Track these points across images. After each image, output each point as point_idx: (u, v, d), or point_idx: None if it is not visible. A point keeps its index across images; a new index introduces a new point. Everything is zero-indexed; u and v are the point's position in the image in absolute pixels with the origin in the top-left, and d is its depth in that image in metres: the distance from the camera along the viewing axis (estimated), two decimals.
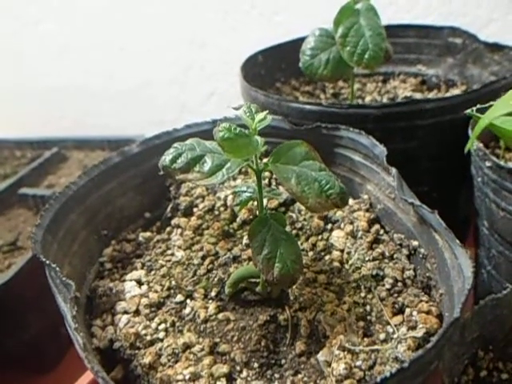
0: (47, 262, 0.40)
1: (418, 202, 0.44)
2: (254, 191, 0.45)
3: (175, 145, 0.40)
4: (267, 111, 0.39)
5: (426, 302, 0.42)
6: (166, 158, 0.39)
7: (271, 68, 0.84)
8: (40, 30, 1.37)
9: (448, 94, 0.79)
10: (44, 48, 1.38)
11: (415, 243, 0.47)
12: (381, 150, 0.50)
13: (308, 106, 0.58)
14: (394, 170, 0.48)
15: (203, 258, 0.54)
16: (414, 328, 0.40)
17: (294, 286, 0.46)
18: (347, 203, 0.41)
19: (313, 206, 0.38)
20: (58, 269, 0.40)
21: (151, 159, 0.61)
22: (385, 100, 0.82)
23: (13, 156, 1.17)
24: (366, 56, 0.59)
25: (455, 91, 0.79)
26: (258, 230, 0.41)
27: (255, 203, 0.55)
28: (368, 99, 0.83)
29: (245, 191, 0.45)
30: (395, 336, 0.40)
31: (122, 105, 1.38)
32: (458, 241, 0.39)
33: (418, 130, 0.56)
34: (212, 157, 0.38)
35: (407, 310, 0.42)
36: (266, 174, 0.61)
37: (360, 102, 0.81)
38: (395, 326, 0.41)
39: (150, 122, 1.26)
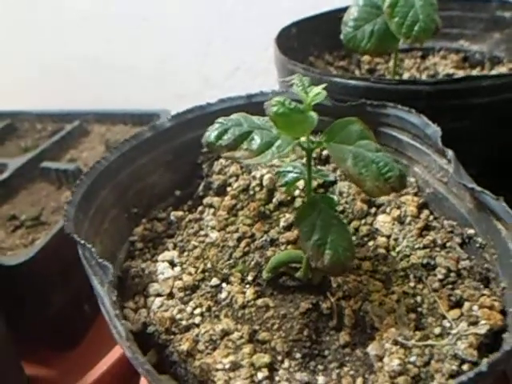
0: (82, 242, 0.38)
1: (479, 188, 0.40)
2: (301, 171, 0.41)
3: (220, 120, 0.37)
4: (324, 84, 0.35)
5: (488, 296, 0.39)
6: (211, 133, 0.36)
7: (304, 41, 0.80)
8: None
9: (494, 72, 0.74)
10: (65, 18, 1.35)
11: (471, 231, 0.44)
12: (434, 129, 0.47)
13: (353, 81, 0.54)
14: (450, 153, 0.44)
15: (239, 239, 0.51)
16: (475, 324, 0.37)
17: None
18: (405, 187, 0.37)
19: (370, 189, 0.35)
20: (93, 250, 0.38)
21: (183, 135, 0.58)
22: (424, 77, 0.77)
23: (33, 129, 1.15)
24: (416, 28, 0.55)
25: (501, 69, 0.74)
26: (307, 214, 0.38)
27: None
28: (406, 76, 0.78)
29: (291, 171, 0.42)
30: (454, 331, 0.37)
31: (143, 78, 1.35)
32: None
33: (472, 108, 0.52)
34: (261, 133, 0.35)
35: (466, 304, 0.39)
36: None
37: (398, 78, 0.76)
38: (453, 320, 0.38)
39: (172, 96, 1.23)
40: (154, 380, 0.33)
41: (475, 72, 0.77)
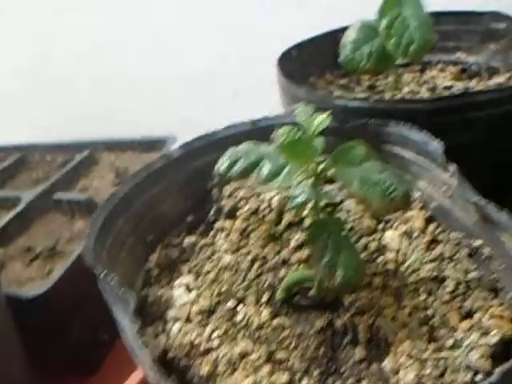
0: (104, 273, 0.40)
1: (483, 201, 0.42)
2: (309, 195, 0.43)
3: (230, 150, 0.39)
4: (330, 111, 0.37)
5: (497, 306, 0.40)
6: (223, 164, 0.37)
7: (305, 62, 0.82)
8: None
9: (491, 82, 0.76)
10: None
11: (477, 243, 0.45)
12: (436, 146, 0.48)
13: (354, 103, 0.56)
14: (453, 167, 0.45)
15: (252, 261, 0.53)
16: (486, 334, 0.38)
17: None
18: (410, 205, 0.39)
19: (377, 209, 0.36)
20: (114, 281, 0.39)
21: (192, 162, 0.60)
22: (424, 90, 0.79)
23: (43, 160, 1.18)
24: (412, 48, 0.56)
25: (498, 79, 0.76)
26: (318, 235, 0.39)
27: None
28: (406, 90, 0.80)
29: (299, 195, 0.43)
30: (466, 343, 0.38)
31: (144, 103, 1.38)
32: None
33: (472, 122, 0.54)
34: (269, 162, 0.37)
35: (477, 315, 0.40)
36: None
37: (398, 93, 0.78)
38: (464, 331, 0.39)
39: (177, 121, 1.25)
40: None
41: (473, 83, 0.79)
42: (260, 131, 0.61)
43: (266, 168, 0.36)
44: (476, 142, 0.56)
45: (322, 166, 0.38)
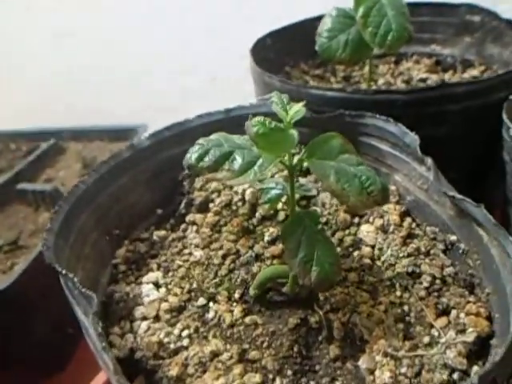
0: (64, 272, 0.37)
1: (460, 196, 0.41)
2: (283, 188, 0.41)
3: (200, 141, 0.36)
4: (304, 101, 0.35)
5: (474, 302, 0.39)
6: (192, 155, 0.35)
7: (280, 51, 0.80)
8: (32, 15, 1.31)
9: (466, 75, 0.75)
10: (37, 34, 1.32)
11: (453, 238, 0.45)
12: (412, 138, 0.47)
13: (330, 93, 0.55)
14: (429, 160, 0.45)
15: (223, 257, 0.51)
16: (462, 331, 0.37)
17: None
18: (388, 200, 0.38)
19: (354, 204, 0.35)
20: (76, 279, 0.37)
21: (162, 152, 0.58)
22: (399, 82, 0.78)
23: (7, 149, 1.12)
24: (390, 37, 0.55)
25: (473, 72, 0.76)
26: (292, 231, 0.38)
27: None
28: (381, 82, 0.79)
29: (273, 188, 0.42)
30: (442, 340, 0.37)
31: (118, 91, 1.33)
32: None
33: (448, 115, 0.53)
34: (242, 153, 0.35)
35: (453, 312, 0.39)
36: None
37: (373, 85, 0.77)
38: (441, 328, 0.39)
39: (149, 109, 1.22)
40: None
41: (448, 75, 0.78)
42: (233, 120, 0.59)
43: (238, 159, 0.34)
44: (452, 134, 0.55)
45: (297, 158, 0.36)
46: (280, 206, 0.54)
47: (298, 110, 0.35)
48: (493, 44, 0.75)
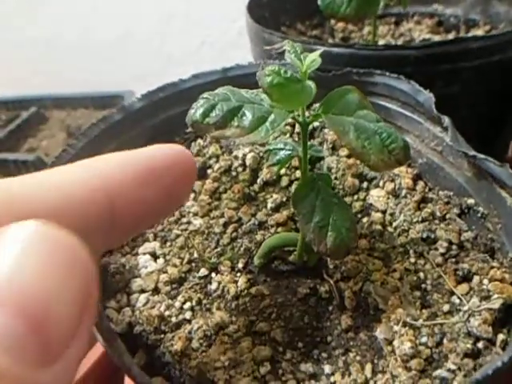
0: None
1: (482, 155, 0.38)
2: (294, 148, 0.38)
3: (205, 95, 0.33)
4: (320, 50, 0.32)
5: (498, 268, 0.37)
6: (197, 111, 0.32)
7: (276, 10, 0.76)
8: None
9: (470, 34, 0.72)
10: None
11: (470, 201, 0.42)
12: (426, 96, 0.44)
13: (336, 49, 0.51)
14: (446, 119, 0.42)
15: (225, 225, 0.48)
16: (487, 298, 0.35)
17: None
18: (410, 159, 0.35)
19: (375, 163, 0.32)
20: None
21: (156, 115, 0.54)
22: (400, 43, 0.75)
23: None
24: None
25: (477, 32, 0.73)
26: (305, 194, 0.35)
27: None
28: (381, 43, 0.75)
29: (282, 148, 0.38)
30: (465, 308, 0.35)
31: (100, 58, 1.27)
32: None
33: (461, 72, 0.50)
34: (252, 108, 0.32)
35: (476, 278, 0.37)
36: (287, 127, 0.54)
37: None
38: (462, 295, 0.36)
39: (133, 77, 1.16)
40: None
41: (450, 36, 0.75)
42: (231, 80, 0.54)
43: (248, 115, 0.31)
44: (463, 92, 0.52)
45: (312, 114, 0.33)
46: (283, 171, 0.51)
47: (314, 59, 0.31)
48: (499, 1, 0.71)
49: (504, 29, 0.70)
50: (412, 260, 0.41)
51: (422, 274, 0.40)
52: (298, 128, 0.53)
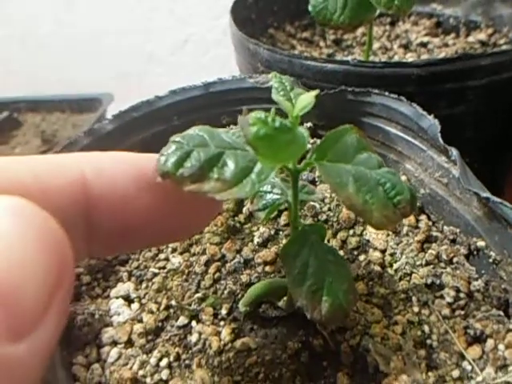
0: None
1: (496, 198, 0.33)
2: (283, 192, 0.33)
3: (177, 138, 0.28)
4: (317, 91, 0.27)
5: None
6: (168, 159, 0.26)
7: (263, 10, 0.70)
8: None
9: (471, 39, 0.67)
10: None
11: (480, 243, 0.38)
12: (431, 123, 0.39)
13: (329, 65, 0.46)
14: (454, 152, 0.37)
15: (206, 263, 0.43)
16: (503, 368, 0.31)
17: None
18: (416, 210, 0.30)
19: (378, 221, 0.27)
20: None
21: (128, 138, 0.49)
22: (396, 47, 0.70)
23: None
24: None
25: (479, 35, 0.68)
26: (296, 252, 0.30)
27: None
28: (376, 46, 0.70)
29: (269, 192, 0.33)
30: (479, 378, 0.31)
31: (80, 57, 1.20)
32: None
33: (467, 91, 0.45)
34: (234, 156, 0.27)
35: (489, 342, 0.33)
36: None
37: (368, 49, 0.68)
38: (473, 361, 0.32)
39: (113, 77, 1.10)
40: None
41: (449, 39, 0.70)
42: (214, 96, 0.49)
43: (230, 165, 0.26)
44: (468, 112, 0.47)
45: (304, 162, 0.28)
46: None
47: (308, 102, 0.26)
48: (502, 3, 0.66)
49: (507, 32, 0.66)
50: (415, 309, 0.37)
51: (426, 328, 0.36)
52: None
